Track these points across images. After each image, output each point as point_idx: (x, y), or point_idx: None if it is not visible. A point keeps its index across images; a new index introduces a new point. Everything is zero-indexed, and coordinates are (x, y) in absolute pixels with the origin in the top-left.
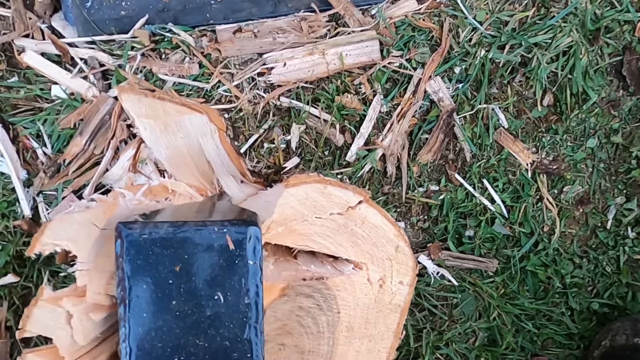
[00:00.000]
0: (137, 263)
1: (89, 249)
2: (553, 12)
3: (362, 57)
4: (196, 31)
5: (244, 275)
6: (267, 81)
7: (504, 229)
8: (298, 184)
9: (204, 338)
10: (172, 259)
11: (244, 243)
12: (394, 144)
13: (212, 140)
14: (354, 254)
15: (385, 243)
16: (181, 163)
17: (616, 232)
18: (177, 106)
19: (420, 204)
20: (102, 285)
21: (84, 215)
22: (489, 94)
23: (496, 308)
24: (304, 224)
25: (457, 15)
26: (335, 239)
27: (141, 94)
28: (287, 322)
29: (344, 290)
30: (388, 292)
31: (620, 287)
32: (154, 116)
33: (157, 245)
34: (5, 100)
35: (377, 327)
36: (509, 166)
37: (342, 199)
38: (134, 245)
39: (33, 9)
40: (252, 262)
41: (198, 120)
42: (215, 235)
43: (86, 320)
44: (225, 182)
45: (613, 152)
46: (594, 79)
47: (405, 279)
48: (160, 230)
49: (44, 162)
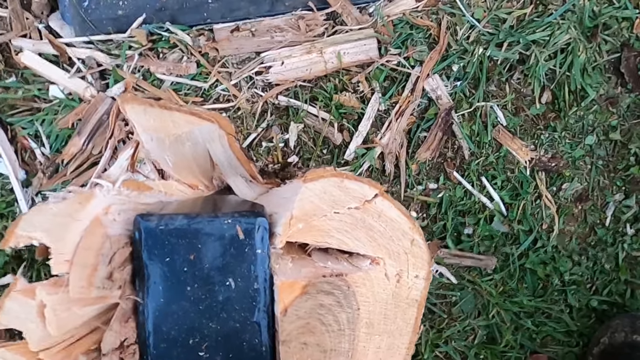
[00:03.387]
0: (155, 252)
1: (66, 240)
2: (551, 9)
3: (360, 55)
4: (194, 30)
5: (253, 262)
6: (265, 80)
7: (503, 226)
8: (316, 178)
9: (216, 321)
10: (187, 248)
11: (252, 233)
12: (392, 142)
13: (220, 145)
14: (371, 249)
15: (401, 236)
16: (185, 167)
17: (615, 229)
18: (187, 116)
19: (419, 202)
20: (84, 279)
21: (59, 206)
22: (487, 91)
23: (495, 306)
24: (322, 219)
25: (455, 13)
26: (353, 234)
27: (146, 103)
28: (309, 321)
29: (363, 286)
30: (405, 286)
31: (619, 284)
32: (164, 129)
33: (172, 235)
34: (3, 100)
35: (395, 322)
36: (508, 164)
37: (358, 193)
38: (151, 235)
39: (30, 9)
40: (261, 250)
41: (208, 129)
42: (226, 226)
43: (62, 311)
44: (233, 182)
45: (611, 149)
46: (592, 76)
47: (421, 273)
48: (175, 222)
49: (43, 162)
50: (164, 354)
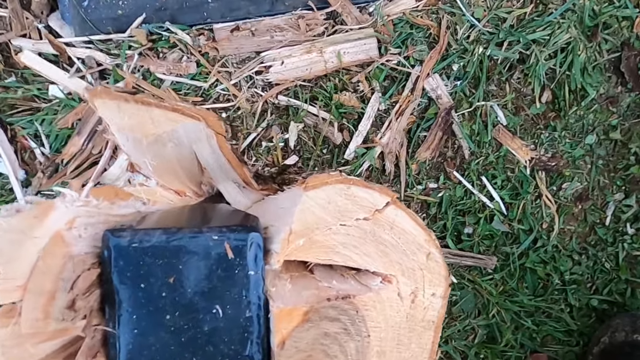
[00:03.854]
0: (127, 274)
1: (19, 262)
2: (551, 8)
3: (360, 54)
4: (193, 30)
5: (245, 286)
6: (265, 79)
7: (503, 226)
8: (318, 185)
9: (201, 356)
10: (166, 269)
11: (244, 251)
12: (392, 141)
13: (208, 146)
14: (382, 266)
15: (416, 250)
16: (168, 171)
17: (615, 229)
18: (168, 113)
19: (419, 202)
20: (39, 309)
21: (11, 221)
22: (487, 91)
23: (495, 305)
24: (327, 233)
25: (455, 12)
26: (361, 249)
27: (120, 98)
28: (311, 354)
29: (373, 309)
30: (420, 307)
31: (619, 283)
32: (141, 128)
33: (148, 254)
34: (3, 100)
35: (410, 349)
36: (508, 163)
37: (368, 201)
38: (122, 255)
39: (30, 9)
40: (254, 271)
41: (193, 127)
42: (212, 243)
43: (12, 348)
44: (224, 188)
45: (612, 149)
46: (592, 75)
47: (438, 291)
48: (152, 238)
49: (42, 162)
50: None
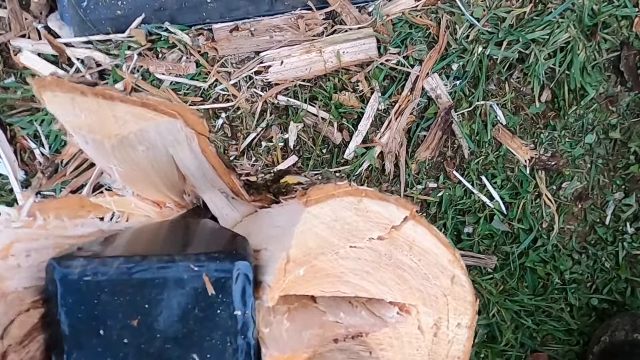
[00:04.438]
0: (78, 316)
1: None
2: (550, 8)
3: (360, 54)
4: (193, 30)
5: (230, 329)
6: (264, 79)
7: (503, 225)
8: (323, 199)
9: None
10: (128, 309)
11: (228, 285)
12: (392, 141)
13: (188, 149)
14: (400, 294)
15: (439, 274)
16: (141, 179)
17: (615, 228)
18: (135, 109)
19: (419, 202)
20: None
21: None
22: (487, 90)
23: (495, 304)
24: (333, 258)
25: (454, 12)
26: (376, 276)
27: (75, 90)
28: None
29: (390, 347)
30: (444, 340)
31: (619, 282)
32: (102, 127)
33: (105, 290)
34: (2, 101)
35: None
36: (507, 163)
37: (383, 217)
38: (72, 291)
39: (29, 9)
40: (241, 311)
41: (168, 126)
42: (187, 276)
43: None
44: (210, 199)
45: (611, 148)
46: (591, 74)
47: (463, 320)
48: (109, 269)
49: (42, 162)
50: None
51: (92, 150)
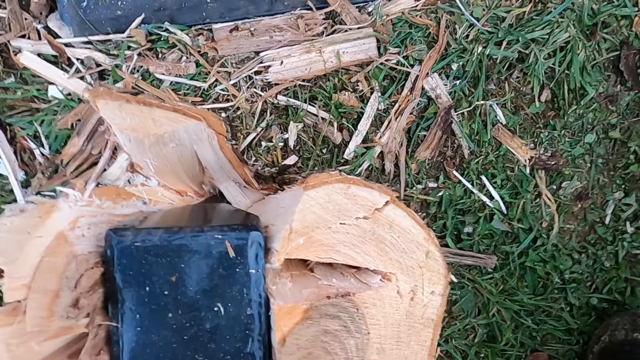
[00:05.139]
0: (130, 273)
1: (23, 262)
2: (550, 7)
3: (359, 54)
4: (192, 30)
5: (246, 284)
6: (264, 79)
7: (503, 225)
8: (318, 185)
9: (203, 353)
10: (168, 268)
11: (244, 250)
12: (391, 141)
13: (209, 146)
14: (382, 264)
15: (415, 249)
16: (169, 171)
17: (615, 227)
18: (169, 113)
19: (419, 201)
20: (44, 308)
21: (15, 221)
22: (487, 90)
23: (495, 304)
24: (327, 232)
25: (454, 11)
26: (361, 248)
27: (122, 99)
28: (311, 350)
29: (373, 306)
30: (419, 304)
31: (619, 282)
32: (143, 128)
33: (150, 253)
34: (2, 101)
35: (409, 346)
36: (507, 162)
37: (367, 200)
38: (125, 254)
39: (29, 10)
40: (255, 270)
41: (194, 127)
42: (213, 242)
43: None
44: (225, 188)
45: (611, 147)
46: (591, 74)
47: (437, 288)
48: (154, 238)
49: (42, 162)
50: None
51: (132, 147)
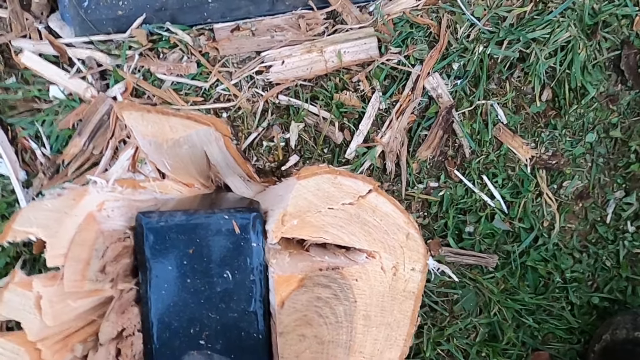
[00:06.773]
0: (156, 247)
1: (61, 235)
2: (551, 7)
3: (360, 54)
4: (194, 30)
5: (249, 255)
6: (265, 79)
7: (504, 224)
8: (309, 175)
9: (215, 311)
10: (186, 242)
11: (248, 227)
12: (393, 140)
13: (216, 147)
14: (367, 243)
15: (396, 231)
16: (182, 169)
17: (616, 227)
18: (183, 120)
19: (420, 201)
20: (78, 273)
21: (54, 203)
22: (488, 89)
23: (497, 303)
24: (317, 215)
25: (455, 11)
26: (348, 229)
27: (143, 110)
28: (306, 313)
29: (360, 279)
30: (401, 279)
31: (620, 281)
32: (161, 134)
33: (172, 231)
34: (4, 101)
35: (393, 314)
36: (508, 162)
37: (352, 189)
38: (152, 231)
39: (30, 10)
40: (256, 243)
41: (204, 132)
42: (223, 221)
43: (57, 303)
44: (231, 182)
45: (612, 147)
46: (592, 73)
47: (417, 266)
48: (175, 218)
49: (43, 162)
50: (166, 342)
51: (152, 149)
